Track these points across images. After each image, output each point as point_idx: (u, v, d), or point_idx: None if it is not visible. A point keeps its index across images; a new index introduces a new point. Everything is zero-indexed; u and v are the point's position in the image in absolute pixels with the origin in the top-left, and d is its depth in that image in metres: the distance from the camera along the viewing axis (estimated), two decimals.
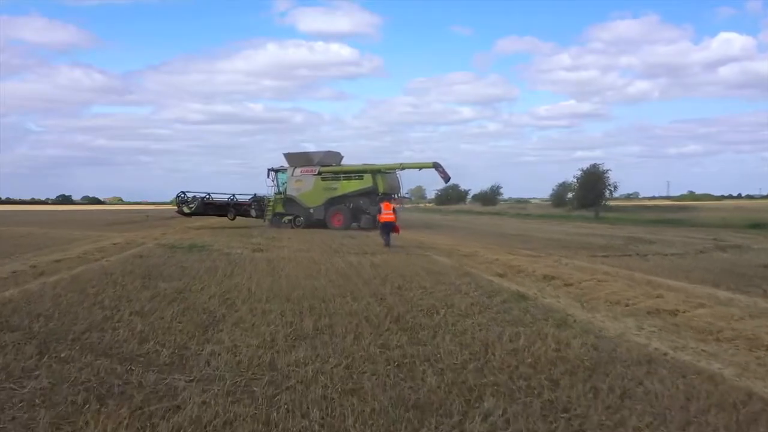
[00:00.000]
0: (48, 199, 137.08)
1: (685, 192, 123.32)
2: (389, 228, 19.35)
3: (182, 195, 32.50)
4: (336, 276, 11.45)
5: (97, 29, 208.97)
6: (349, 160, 33.36)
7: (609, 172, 54.72)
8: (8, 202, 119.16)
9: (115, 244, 19.79)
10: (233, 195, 34.24)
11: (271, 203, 33.00)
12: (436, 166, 29.15)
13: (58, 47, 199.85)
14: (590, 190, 54.21)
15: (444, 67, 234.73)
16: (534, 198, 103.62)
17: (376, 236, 22.12)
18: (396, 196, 32.22)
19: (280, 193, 32.84)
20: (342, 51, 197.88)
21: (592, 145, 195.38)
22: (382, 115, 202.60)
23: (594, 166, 55.50)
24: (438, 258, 15.04)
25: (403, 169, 30.55)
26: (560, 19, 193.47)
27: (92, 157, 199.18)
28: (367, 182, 30.31)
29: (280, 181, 33.20)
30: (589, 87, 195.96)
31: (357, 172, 30.89)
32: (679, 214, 40.80)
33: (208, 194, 33.21)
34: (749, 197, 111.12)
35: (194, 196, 32.21)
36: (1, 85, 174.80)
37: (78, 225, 35.66)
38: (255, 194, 34.74)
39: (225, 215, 33.21)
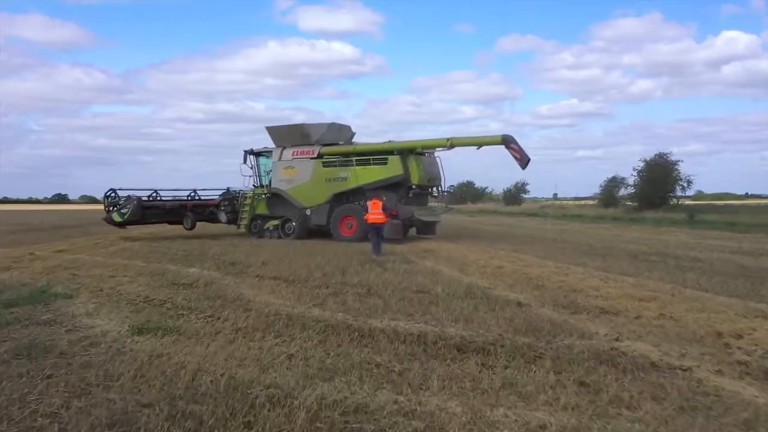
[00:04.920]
0: (45, 198, 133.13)
1: (692, 192, 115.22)
2: (380, 231, 15.90)
3: (112, 195, 21.53)
4: None
5: (98, 28, 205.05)
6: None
7: (679, 163, 43.76)
8: (2, 201, 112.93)
9: None
10: (194, 191, 23.34)
11: (247, 201, 22.15)
12: (508, 141, 18.18)
13: (58, 46, 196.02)
14: (657, 186, 43.16)
15: (446, 65, 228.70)
16: (537, 197, 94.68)
17: (431, 262, 11.44)
18: (436, 191, 21.38)
19: (263, 186, 22.04)
20: (344, 49, 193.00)
21: (594, 144, 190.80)
22: (383, 114, 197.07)
23: (660, 157, 44.36)
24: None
25: (451, 147, 19.43)
26: (562, 17, 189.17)
27: (93, 156, 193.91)
28: (393, 168, 19.43)
29: (262, 168, 22.37)
30: (592, 86, 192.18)
31: (378, 154, 19.97)
32: None
33: (155, 192, 22.27)
34: (757, 196, 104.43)
35: (129, 196, 21.22)
36: (2, 84, 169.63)
37: None
38: (228, 189, 23.86)
39: (180, 222, 22.19)
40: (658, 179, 43.31)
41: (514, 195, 77.81)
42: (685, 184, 43.71)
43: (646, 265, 12.32)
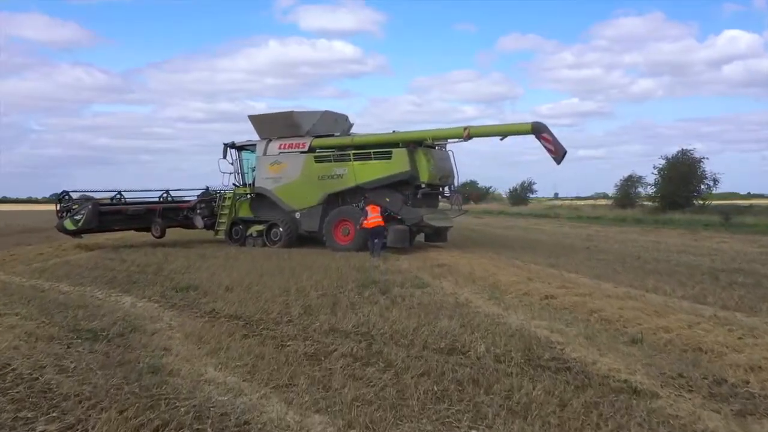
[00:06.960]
0: (43, 198, 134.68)
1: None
2: (379, 235, 14.71)
3: (65, 198, 18.10)
4: None
5: (98, 27, 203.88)
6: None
7: (704, 160, 40.38)
8: (2, 201, 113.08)
9: None
10: (166, 192, 20.03)
11: (227, 203, 18.87)
12: (539, 130, 14.89)
13: (59, 45, 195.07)
14: (681, 185, 39.79)
15: (447, 65, 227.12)
16: (539, 197, 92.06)
17: (450, 284, 8.20)
18: (447, 190, 18.09)
19: (245, 185, 18.77)
20: (345, 49, 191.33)
21: (595, 143, 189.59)
22: (384, 114, 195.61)
23: (684, 153, 41.00)
24: None
25: (469, 138, 16.11)
26: (563, 16, 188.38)
27: (94, 156, 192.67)
28: (398, 164, 16.12)
29: (245, 164, 19.08)
30: (592, 85, 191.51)
31: (379, 147, 16.67)
32: None
33: (119, 193, 18.95)
34: (759, 196, 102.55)
35: (86, 197, 17.83)
36: (2, 84, 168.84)
37: None
38: (207, 188, 20.56)
39: (147, 228, 18.75)
40: (682, 178, 40.01)
41: (520, 195, 74.34)
42: (712, 183, 40.40)
43: (746, 292, 9.03)
